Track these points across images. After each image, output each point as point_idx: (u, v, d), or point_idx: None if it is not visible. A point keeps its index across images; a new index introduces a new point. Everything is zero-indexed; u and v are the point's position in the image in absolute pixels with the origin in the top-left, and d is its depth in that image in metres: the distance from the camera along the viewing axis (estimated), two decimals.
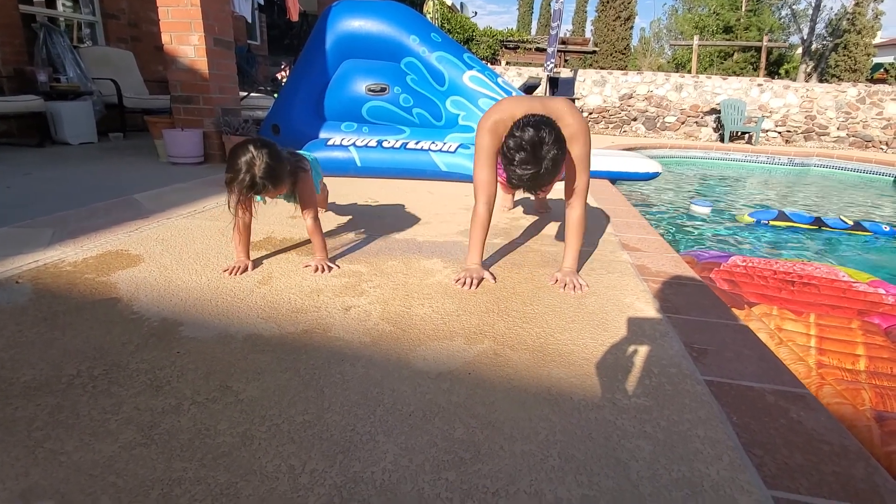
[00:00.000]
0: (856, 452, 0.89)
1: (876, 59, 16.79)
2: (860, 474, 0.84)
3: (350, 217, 2.37)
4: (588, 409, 0.98)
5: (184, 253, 1.76)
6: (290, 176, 1.55)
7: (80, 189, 2.75)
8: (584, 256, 1.92)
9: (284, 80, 6.90)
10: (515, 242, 2.08)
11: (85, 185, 2.87)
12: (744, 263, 2.47)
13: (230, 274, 1.58)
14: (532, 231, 2.27)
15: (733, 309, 1.72)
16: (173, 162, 3.63)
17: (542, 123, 1.42)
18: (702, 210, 4.50)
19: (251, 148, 1.42)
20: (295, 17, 6.29)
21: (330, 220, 2.24)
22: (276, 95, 5.43)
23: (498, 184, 1.69)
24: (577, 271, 1.69)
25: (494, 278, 1.63)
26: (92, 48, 5.39)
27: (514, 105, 1.61)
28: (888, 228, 4.14)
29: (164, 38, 3.49)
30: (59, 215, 2.16)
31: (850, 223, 4.18)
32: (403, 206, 2.64)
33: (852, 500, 0.78)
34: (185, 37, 3.46)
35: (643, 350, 1.22)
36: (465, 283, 1.56)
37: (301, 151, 1.82)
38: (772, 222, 4.26)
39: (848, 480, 0.83)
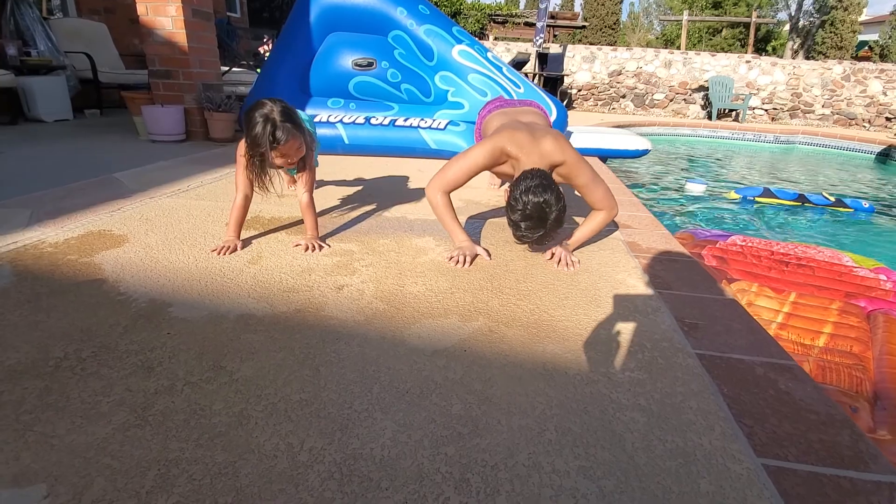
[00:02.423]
0: (841, 421, 0.92)
1: (861, 37, 16.85)
2: (846, 441, 0.87)
3: (339, 195, 2.33)
4: (583, 383, 0.99)
5: (169, 233, 1.72)
6: (303, 135, 1.54)
7: (58, 168, 2.66)
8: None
9: (267, 54, 6.69)
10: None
11: (62, 163, 2.77)
12: (743, 243, 2.48)
13: (219, 254, 1.55)
14: None
15: None
16: (154, 139, 3.52)
17: (543, 187, 1.48)
18: (697, 188, 4.57)
19: (267, 102, 1.46)
20: None
21: (319, 199, 2.20)
22: (258, 70, 5.26)
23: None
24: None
25: (489, 254, 1.63)
26: (63, 20, 5.15)
27: (514, 136, 1.63)
28: (867, 205, 4.23)
29: (140, 8, 3.34)
30: (37, 195, 2.09)
31: (832, 199, 4.26)
32: (393, 184, 2.60)
33: (838, 466, 0.81)
34: (161, 7, 3.31)
35: (635, 325, 1.23)
36: (458, 261, 1.55)
37: (303, 117, 1.78)
38: (757, 199, 4.31)
39: (834, 447, 0.85)
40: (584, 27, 14.41)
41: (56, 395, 0.89)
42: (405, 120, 3.32)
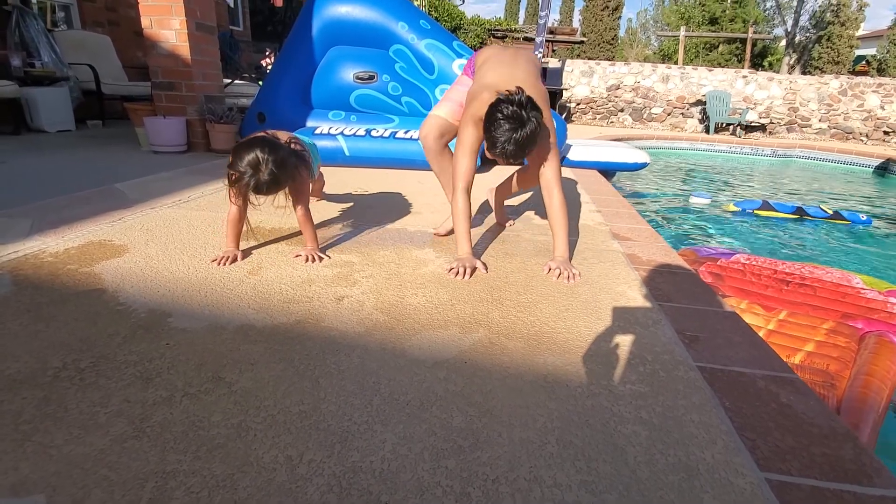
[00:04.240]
0: (843, 434, 0.92)
1: (858, 52, 17.06)
2: (848, 455, 0.86)
3: (339, 207, 2.34)
4: (584, 395, 0.98)
5: (170, 243, 1.72)
6: (291, 179, 1.53)
7: (60, 178, 2.67)
8: (575, 246, 1.93)
9: (269, 67, 6.76)
10: (507, 232, 2.08)
11: (64, 173, 2.79)
12: (747, 261, 2.43)
13: (219, 264, 1.55)
14: (523, 221, 2.27)
15: None
16: (156, 150, 3.54)
17: (520, 102, 1.47)
18: (702, 201, 4.61)
19: (258, 152, 1.41)
20: (279, 3, 6.15)
21: (319, 211, 2.21)
22: (260, 83, 5.31)
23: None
24: (569, 260, 1.69)
25: (486, 268, 1.63)
26: (67, 32, 5.21)
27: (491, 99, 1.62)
28: (865, 217, 4.25)
29: (144, 22, 3.38)
30: (38, 205, 2.09)
31: (830, 212, 4.28)
32: (393, 196, 2.61)
33: (841, 481, 0.80)
34: (165, 21, 3.35)
35: (636, 337, 1.23)
36: (458, 272, 1.55)
37: (302, 138, 1.78)
38: (756, 211, 4.33)
39: (837, 461, 0.85)
40: (582, 42, 14.58)
41: (54, 405, 0.88)
42: (406, 132, 3.35)
